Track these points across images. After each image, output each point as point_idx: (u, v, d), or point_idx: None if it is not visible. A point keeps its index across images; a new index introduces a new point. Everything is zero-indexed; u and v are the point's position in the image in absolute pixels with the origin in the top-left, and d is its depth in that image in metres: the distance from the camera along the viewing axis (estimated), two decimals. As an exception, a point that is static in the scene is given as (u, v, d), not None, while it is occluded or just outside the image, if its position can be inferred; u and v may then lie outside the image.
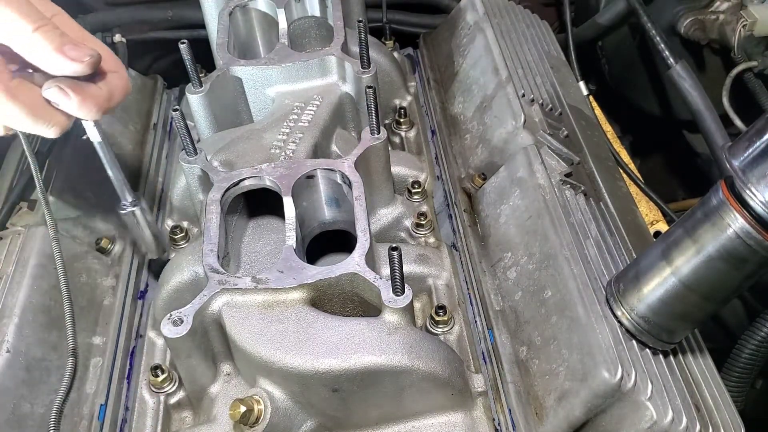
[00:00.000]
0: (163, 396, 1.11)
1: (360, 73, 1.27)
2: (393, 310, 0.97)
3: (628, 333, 0.99)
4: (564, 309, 1.03)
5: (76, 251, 1.24)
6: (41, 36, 0.81)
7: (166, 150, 1.55)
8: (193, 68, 1.22)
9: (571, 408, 0.96)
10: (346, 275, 1.00)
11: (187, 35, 1.77)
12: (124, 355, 1.17)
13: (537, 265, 1.12)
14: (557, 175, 1.23)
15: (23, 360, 1.06)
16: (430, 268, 1.22)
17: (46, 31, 0.81)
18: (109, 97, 0.88)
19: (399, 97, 1.60)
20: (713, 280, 0.89)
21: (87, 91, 0.85)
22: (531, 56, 1.55)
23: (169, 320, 0.95)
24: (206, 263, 1.02)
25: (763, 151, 0.79)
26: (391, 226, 1.33)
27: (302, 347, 0.95)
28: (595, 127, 1.59)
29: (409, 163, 1.43)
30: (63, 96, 0.84)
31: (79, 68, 0.83)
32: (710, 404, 1.00)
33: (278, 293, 0.99)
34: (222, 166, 1.17)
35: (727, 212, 0.84)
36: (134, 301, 1.25)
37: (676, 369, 1.01)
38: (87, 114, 0.87)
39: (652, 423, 0.92)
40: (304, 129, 1.26)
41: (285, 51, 1.34)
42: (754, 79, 1.78)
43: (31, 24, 0.80)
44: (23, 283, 1.13)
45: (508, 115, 1.35)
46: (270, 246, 1.18)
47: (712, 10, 1.90)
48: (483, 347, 1.12)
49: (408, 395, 1.00)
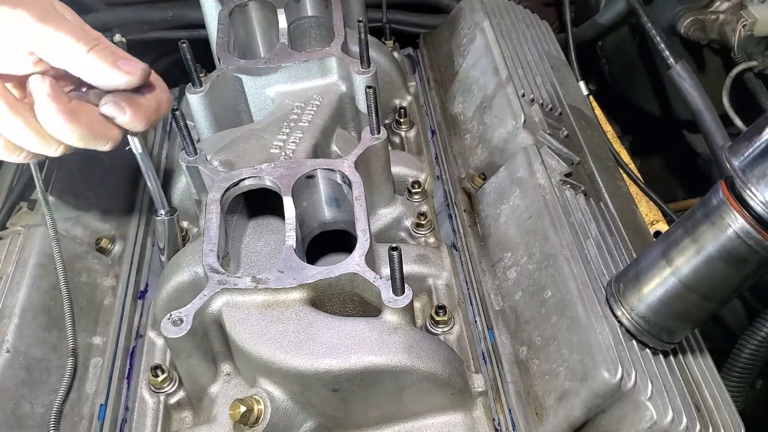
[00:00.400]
0: (163, 396, 1.11)
1: (360, 73, 1.27)
2: (393, 310, 0.97)
3: (628, 333, 0.99)
4: (564, 309, 1.03)
5: (76, 251, 1.24)
6: (96, 56, 0.86)
7: (166, 150, 1.55)
8: (193, 68, 1.22)
9: (571, 408, 0.96)
10: (346, 275, 1.00)
11: (187, 35, 1.77)
12: (124, 355, 1.17)
13: (537, 265, 1.12)
14: (557, 175, 1.23)
15: (23, 360, 1.06)
16: (430, 268, 1.22)
17: (100, 50, 0.87)
18: (157, 108, 0.94)
19: (399, 97, 1.60)
20: (713, 280, 0.89)
21: (138, 103, 0.91)
22: (531, 56, 1.55)
23: (169, 320, 0.95)
24: (206, 263, 1.02)
25: (763, 151, 0.79)
26: (391, 226, 1.33)
27: (302, 347, 0.95)
28: (595, 127, 1.58)
29: (409, 163, 1.42)
30: (119, 111, 0.90)
31: (133, 80, 0.89)
32: (710, 404, 1.00)
33: (278, 293, 0.99)
34: (222, 166, 1.17)
35: (727, 212, 0.84)
36: (134, 301, 1.25)
37: (676, 369, 1.01)
38: (138, 126, 0.92)
39: (652, 423, 0.92)
40: (304, 129, 1.26)
41: (285, 51, 1.34)
42: (754, 79, 1.78)
43: (85, 45, 0.86)
44: (23, 283, 1.13)
45: (508, 115, 1.35)
46: (270, 246, 1.18)
47: (712, 10, 1.90)
48: (483, 347, 1.12)
49: (408, 395, 1.00)
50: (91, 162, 1.38)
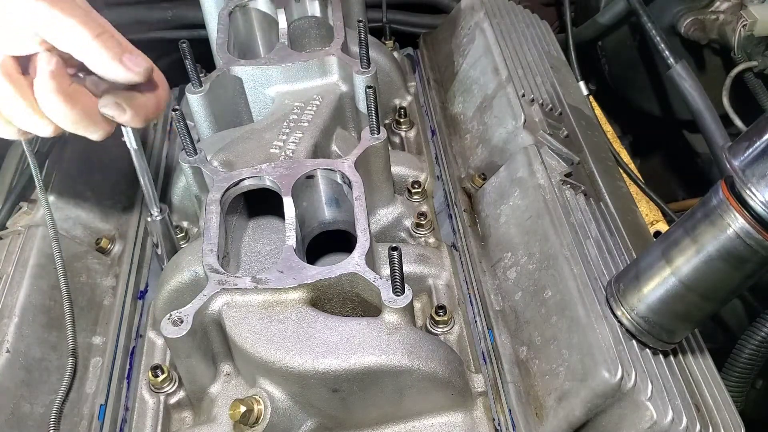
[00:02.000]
0: (163, 396, 1.10)
1: (360, 73, 1.27)
2: (393, 310, 0.97)
3: (628, 333, 0.99)
4: (564, 309, 1.03)
5: (76, 251, 1.24)
6: (100, 44, 0.85)
7: (166, 150, 1.55)
8: (193, 68, 1.22)
9: (571, 408, 0.96)
10: (346, 275, 1.00)
11: (187, 35, 1.77)
12: (124, 355, 1.16)
13: (537, 265, 1.12)
14: (557, 175, 1.23)
15: (23, 360, 1.06)
16: (430, 268, 1.22)
17: (105, 40, 0.85)
18: (156, 106, 0.93)
19: (399, 97, 1.60)
20: (713, 280, 0.89)
21: (138, 101, 0.90)
22: (531, 56, 1.55)
23: (169, 320, 0.95)
24: (206, 263, 1.02)
25: (763, 151, 0.79)
26: (391, 226, 1.33)
27: (302, 347, 0.95)
28: (595, 127, 1.59)
29: (409, 163, 1.42)
30: (119, 111, 0.89)
31: (135, 78, 0.88)
32: (710, 404, 1.00)
33: (278, 293, 0.99)
34: (222, 166, 1.17)
35: (727, 212, 0.84)
36: (134, 301, 1.25)
37: (676, 369, 1.01)
38: (135, 123, 0.92)
39: (652, 423, 0.92)
40: (304, 129, 1.26)
41: (285, 51, 1.34)
42: (754, 79, 1.78)
43: (91, 32, 0.84)
44: (23, 283, 1.13)
45: (508, 115, 1.35)
46: (270, 246, 1.18)
47: (712, 10, 1.90)
48: (483, 347, 1.12)
49: (408, 395, 1.00)
50: (91, 162, 1.38)
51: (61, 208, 1.27)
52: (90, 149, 1.40)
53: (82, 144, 1.38)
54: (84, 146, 1.39)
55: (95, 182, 1.36)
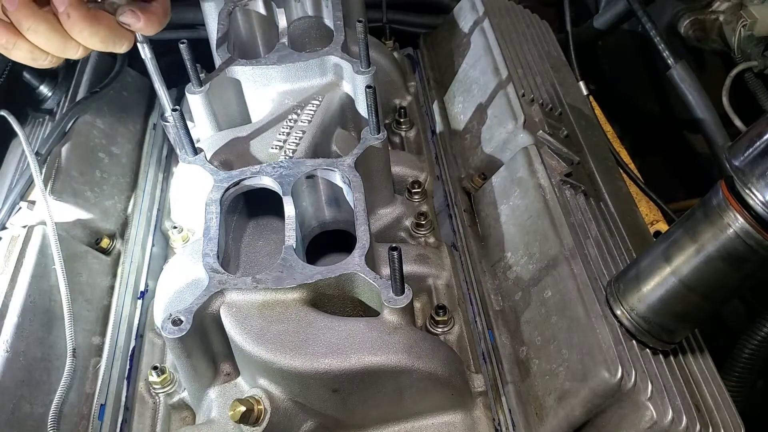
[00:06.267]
0: (163, 396, 1.11)
1: (360, 73, 1.27)
2: (393, 310, 0.97)
3: (628, 333, 0.99)
4: (564, 309, 1.03)
5: (76, 251, 1.24)
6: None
7: (166, 150, 1.55)
8: (193, 68, 1.22)
9: (571, 408, 0.96)
10: (346, 275, 1.00)
11: (187, 35, 1.77)
12: (124, 355, 1.17)
13: (537, 265, 1.12)
14: (557, 175, 1.23)
15: (23, 360, 1.06)
16: (430, 268, 1.22)
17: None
18: (164, 13, 1.05)
19: (399, 97, 1.60)
20: (713, 280, 0.89)
21: (149, 10, 1.03)
22: (531, 56, 1.55)
23: (169, 320, 0.95)
24: (206, 263, 1.02)
25: (763, 151, 0.79)
26: (391, 226, 1.33)
27: (302, 347, 0.95)
28: (595, 127, 1.59)
29: (409, 163, 1.43)
30: (134, 18, 1.02)
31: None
32: (710, 404, 1.00)
33: (278, 293, 0.99)
34: (222, 166, 1.17)
35: (727, 212, 0.84)
36: (134, 301, 1.25)
37: (676, 369, 1.01)
38: (150, 30, 1.04)
39: (652, 423, 0.92)
40: (303, 129, 1.26)
41: (285, 51, 1.34)
42: (754, 79, 1.78)
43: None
44: (23, 283, 1.13)
45: (508, 115, 1.35)
46: (270, 246, 1.18)
47: (712, 10, 1.91)
48: (483, 347, 1.12)
49: (408, 395, 1.00)
50: (91, 162, 1.38)
51: (61, 208, 1.27)
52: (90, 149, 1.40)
53: (82, 144, 1.38)
54: (84, 146, 1.39)
55: (95, 182, 1.36)
